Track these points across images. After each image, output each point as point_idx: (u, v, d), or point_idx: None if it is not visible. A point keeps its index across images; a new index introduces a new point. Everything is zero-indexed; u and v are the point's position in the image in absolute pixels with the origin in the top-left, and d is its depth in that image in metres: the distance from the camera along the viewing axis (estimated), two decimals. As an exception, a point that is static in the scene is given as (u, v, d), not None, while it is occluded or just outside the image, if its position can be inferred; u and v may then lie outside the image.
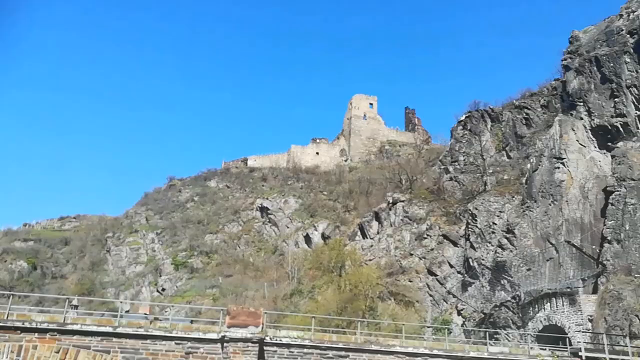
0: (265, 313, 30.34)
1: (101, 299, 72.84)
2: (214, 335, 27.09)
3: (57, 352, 25.14)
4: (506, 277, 51.95)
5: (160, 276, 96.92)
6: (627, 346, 33.95)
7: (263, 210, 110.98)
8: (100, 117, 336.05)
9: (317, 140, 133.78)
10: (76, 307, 36.41)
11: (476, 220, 59.38)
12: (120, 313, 28.60)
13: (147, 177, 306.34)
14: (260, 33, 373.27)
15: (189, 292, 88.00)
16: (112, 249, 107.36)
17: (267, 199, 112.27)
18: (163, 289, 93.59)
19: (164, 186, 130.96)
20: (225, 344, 26.69)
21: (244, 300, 70.97)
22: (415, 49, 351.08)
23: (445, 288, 59.52)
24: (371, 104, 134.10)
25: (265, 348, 27.51)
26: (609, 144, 53.80)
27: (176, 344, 26.58)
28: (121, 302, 40.83)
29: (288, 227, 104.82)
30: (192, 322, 37.15)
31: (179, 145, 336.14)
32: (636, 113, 52.60)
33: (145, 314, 42.55)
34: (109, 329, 26.14)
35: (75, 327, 25.73)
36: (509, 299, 49.78)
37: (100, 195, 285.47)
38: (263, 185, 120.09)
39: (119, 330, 26.22)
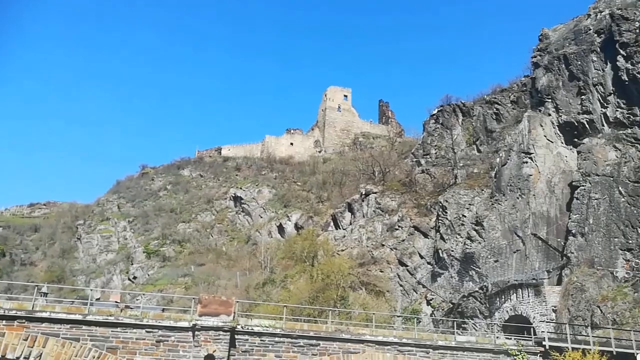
0: (237, 302, 30.57)
1: (71, 286, 72.01)
2: (185, 324, 27.20)
3: (25, 339, 24.94)
4: (474, 268, 53.18)
5: (132, 264, 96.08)
6: (588, 336, 35.19)
7: (236, 199, 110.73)
8: (72, 102, 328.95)
9: (292, 131, 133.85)
10: (45, 294, 36.04)
11: (446, 213, 60.52)
12: (91, 301, 28.47)
13: (119, 165, 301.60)
14: (236, 23, 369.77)
15: (161, 280, 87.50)
16: (82, 236, 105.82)
17: (240, 188, 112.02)
18: (134, 277, 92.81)
19: (137, 174, 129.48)
20: (196, 333, 26.84)
21: (216, 289, 70.98)
22: (390, 43, 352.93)
23: (415, 278, 60.62)
24: (346, 96, 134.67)
25: (236, 337, 27.76)
26: (575, 140, 55.36)
27: (147, 332, 26.61)
28: (91, 290, 40.57)
29: (261, 217, 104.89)
30: (163, 310, 37.09)
31: (152, 133, 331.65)
32: (601, 111, 54.15)
33: (116, 302, 42.32)
34: (79, 317, 26.02)
35: (44, 315, 25.54)
36: (477, 289, 50.99)
37: (71, 182, 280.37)
38: (237, 175, 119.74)
39: (89, 318, 26.11)
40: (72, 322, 25.84)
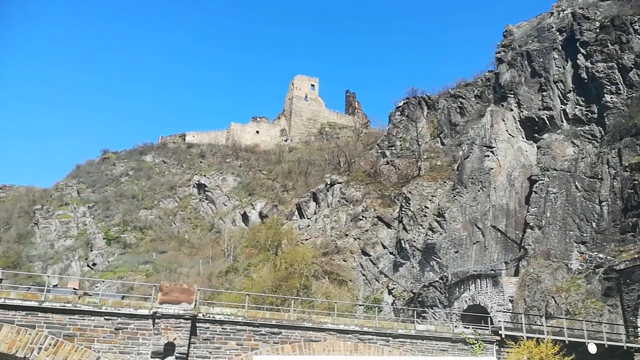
0: (199, 290, 30.27)
1: (27, 272, 69.65)
2: (145, 312, 26.78)
3: (-22, 326, 24.13)
4: (435, 258, 54.17)
5: (92, 251, 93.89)
6: (542, 325, 36.32)
7: (200, 187, 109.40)
8: (30, 82, 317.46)
9: (258, 119, 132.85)
10: (0, 280, 34.83)
11: (409, 204, 61.37)
12: (48, 287, 27.70)
13: (79, 149, 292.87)
14: (203, 8, 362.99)
15: (121, 267, 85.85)
16: (40, 221, 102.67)
17: (204, 176, 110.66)
18: (94, 264, 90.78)
19: (97, 159, 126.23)
20: (156, 320, 26.48)
21: (178, 276, 70.16)
22: (358, 34, 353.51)
23: (378, 268, 61.35)
24: (313, 85, 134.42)
25: (197, 325, 27.52)
26: (536, 135, 56.91)
27: (105, 319, 26.11)
28: (49, 277, 39.32)
29: (225, 205, 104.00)
30: (123, 297, 36.45)
31: (114, 117, 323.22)
32: (561, 107, 55.78)
33: (74, 288, 41.24)
34: (35, 304, 25.30)
35: (-2, 301, 24.74)
36: (437, 279, 51.99)
37: (28, 165, 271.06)
38: (201, 162, 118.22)
39: (45, 304, 25.42)
40: (28, 309, 25.10)
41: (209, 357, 27.40)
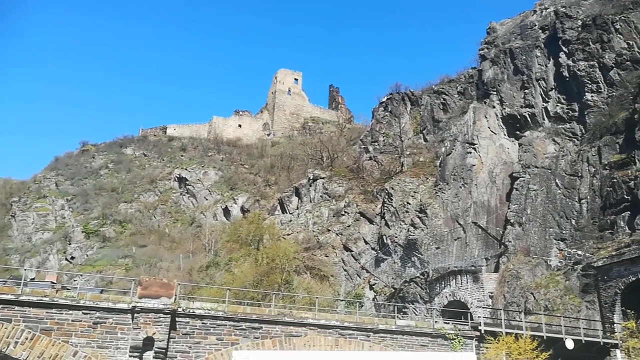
0: (179, 284, 29.97)
1: (4, 266, 68.31)
2: (124, 306, 26.41)
3: (-49, 320, 23.51)
4: (417, 254, 54.38)
5: (70, 244, 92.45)
6: (521, 321, 36.71)
7: (181, 180, 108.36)
8: (7, 74, 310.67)
9: (240, 113, 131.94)
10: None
11: (392, 200, 61.49)
12: (25, 281, 27.22)
13: (58, 141, 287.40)
14: (186, 0, 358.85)
15: (100, 261, 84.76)
16: (17, 214, 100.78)
17: (185, 169, 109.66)
18: (72, 258, 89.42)
19: (77, 151, 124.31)
20: (135, 315, 26.12)
21: (158, 271, 69.47)
22: (342, 29, 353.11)
23: (359, 263, 61.42)
24: (296, 79, 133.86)
25: (177, 319, 27.21)
26: (517, 132, 57.42)
27: (83, 313, 25.68)
28: (26, 270, 38.63)
29: (207, 199, 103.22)
30: (102, 292, 35.87)
31: (94, 109, 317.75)
32: (543, 105, 56.31)
33: (52, 282, 40.50)
34: (11, 297, 24.77)
35: (-28, 295, 24.15)
36: (418, 275, 52.22)
37: (5, 157, 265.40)
38: (182, 156, 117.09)
39: (22, 298, 24.93)
40: (4, 302, 24.59)
41: (188, 351, 27.15)
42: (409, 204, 59.60)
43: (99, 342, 25.62)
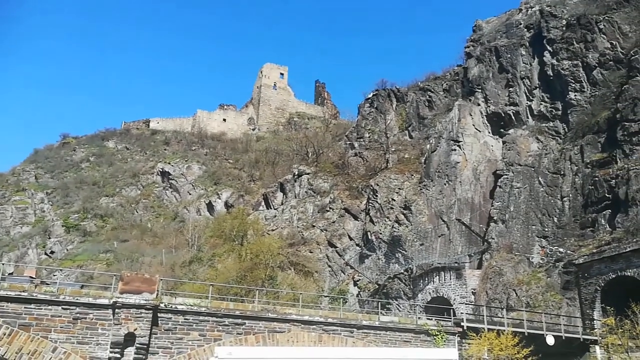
0: (162, 280, 29.64)
1: (-20, 260, 67.06)
2: (105, 301, 26.02)
3: None
4: (401, 250, 54.54)
5: (49, 238, 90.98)
6: (503, 317, 37.04)
7: (164, 175, 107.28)
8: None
9: (225, 107, 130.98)
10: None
11: (377, 196, 61.55)
12: (2, 275, 26.67)
13: (37, 133, 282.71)
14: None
15: (81, 256, 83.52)
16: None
17: (169, 163, 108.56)
18: (52, 252, 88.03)
19: (57, 144, 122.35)
20: (117, 310, 25.75)
21: (140, 266, 68.62)
22: (329, 23, 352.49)
23: (344, 259, 61.44)
24: (282, 74, 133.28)
25: (159, 315, 26.89)
26: (502, 130, 57.82)
27: (63, 309, 25.26)
28: (3, 264, 37.70)
29: (190, 194, 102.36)
30: (82, 287, 35.33)
31: (75, 101, 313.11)
32: (527, 103, 56.74)
33: (31, 277, 39.85)
34: (-12, 292, 24.26)
35: (-53, 290, 23.56)
36: (402, 271, 52.39)
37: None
38: (165, 150, 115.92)
39: (0, 293, 24.42)
40: (-19, 298, 24.08)
41: (170, 347, 26.89)
42: (394, 200, 59.71)
43: (79, 337, 25.26)
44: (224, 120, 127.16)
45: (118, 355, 25.42)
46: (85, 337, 25.34)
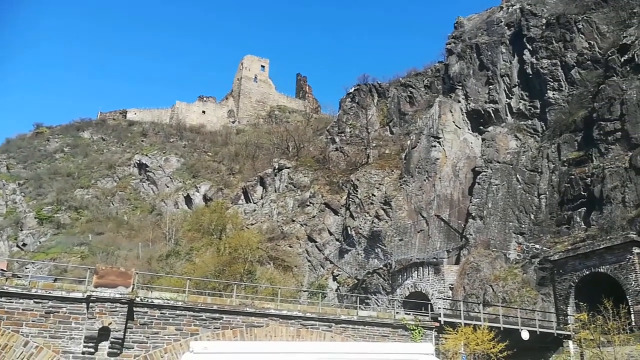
0: (137, 273, 29.17)
1: (-51, 252, 65.41)
2: (78, 295, 25.46)
3: None
4: (380, 246, 54.68)
5: (22, 230, 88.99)
6: (480, 313, 37.41)
7: (141, 167, 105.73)
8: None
9: (205, 99, 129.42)
10: None
11: (357, 191, 61.57)
12: (-29, 268, 25.85)
13: (9, 122, 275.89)
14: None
15: (54, 248, 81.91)
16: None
17: (146, 155, 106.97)
18: (24, 244, 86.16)
19: (30, 133, 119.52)
20: (91, 304, 25.22)
21: (115, 259, 67.56)
22: (311, 16, 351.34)
23: (324, 254, 61.39)
24: (263, 66, 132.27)
25: (135, 309, 26.43)
26: (481, 127, 58.25)
27: (35, 302, 24.64)
28: (-28, 257, 37.00)
29: (168, 187, 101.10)
30: (55, 280, 34.65)
31: (49, 89, 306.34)
32: (506, 101, 57.24)
33: (2, 270, 38.87)
34: (-44, 285, 23.53)
35: None
36: (381, 266, 52.54)
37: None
38: (143, 141, 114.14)
39: (-32, 286, 23.73)
40: (-52, 291, 23.35)
41: (146, 342, 26.46)
42: (374, 195, 59.78)
43: (52, 332, 24.68)
44: (203, 112, 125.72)
45: (92, 350, 24.95)
46: (58, 332, 24.80)
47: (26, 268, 65.52)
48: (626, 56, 45.63)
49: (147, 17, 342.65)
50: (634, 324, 34.39)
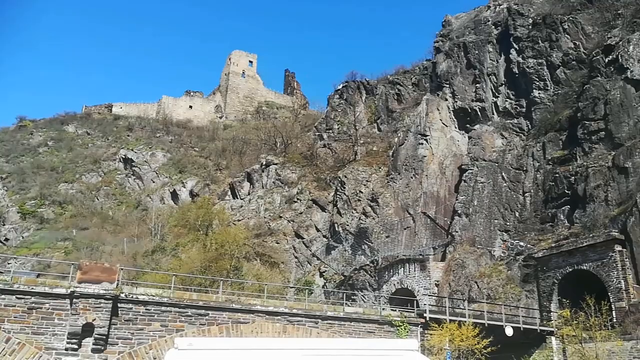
0: (122, 269, 28.95)
1: None
2: (62, 291, 25.19)
3: None
4: (367, 242, 54.87)
5: (4, 225, 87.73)
6: (465, 309, 37.75)
7: (127, 161, 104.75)
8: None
9: (192, 94, 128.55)
10: None
11: (344, 188, 61.66)
12: (-49, 263, 25.50)
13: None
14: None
15: (38, 244, 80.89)
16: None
17: (132, 150, 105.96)
18: (6, 239, 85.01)
19: (13, 126, 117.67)
20: (74, 300, 24.97)
21: (100, 255, 66.96)
22: (300, 13, 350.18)
23: (311, 251, 61.44)
24: (251, 62, 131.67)
25: (119, 305, 26.23)
26: (468, 125, 58.62)
27: (17, 298, 24.34)
28: (-47, 252, 36.46)
29: (154, 182, 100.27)
30: (38, 276, 34.24)
31: (32, 82, 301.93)
32: (493, 100, 57.64)
33: (-17, 265, 38.43)
34: (-64, 281, 23.16)
35: None
36: (368, 263, 52.76)
37: None
38: (128, 136, 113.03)
39: (-51, 281, 23.38)
40: None
41: (130, 338, 26.29)
42: (361, 192, 59.94)
43: (34, 328, 24.41)
44: (190, 107, 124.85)
45: (75, 346, 24.71)
46: (41, 328, 24.54)
47: (8, 263, 64.64)
48: (610, 57, 46.14)
49: (134, 12, 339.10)
50: (615, 320, 34.98)
